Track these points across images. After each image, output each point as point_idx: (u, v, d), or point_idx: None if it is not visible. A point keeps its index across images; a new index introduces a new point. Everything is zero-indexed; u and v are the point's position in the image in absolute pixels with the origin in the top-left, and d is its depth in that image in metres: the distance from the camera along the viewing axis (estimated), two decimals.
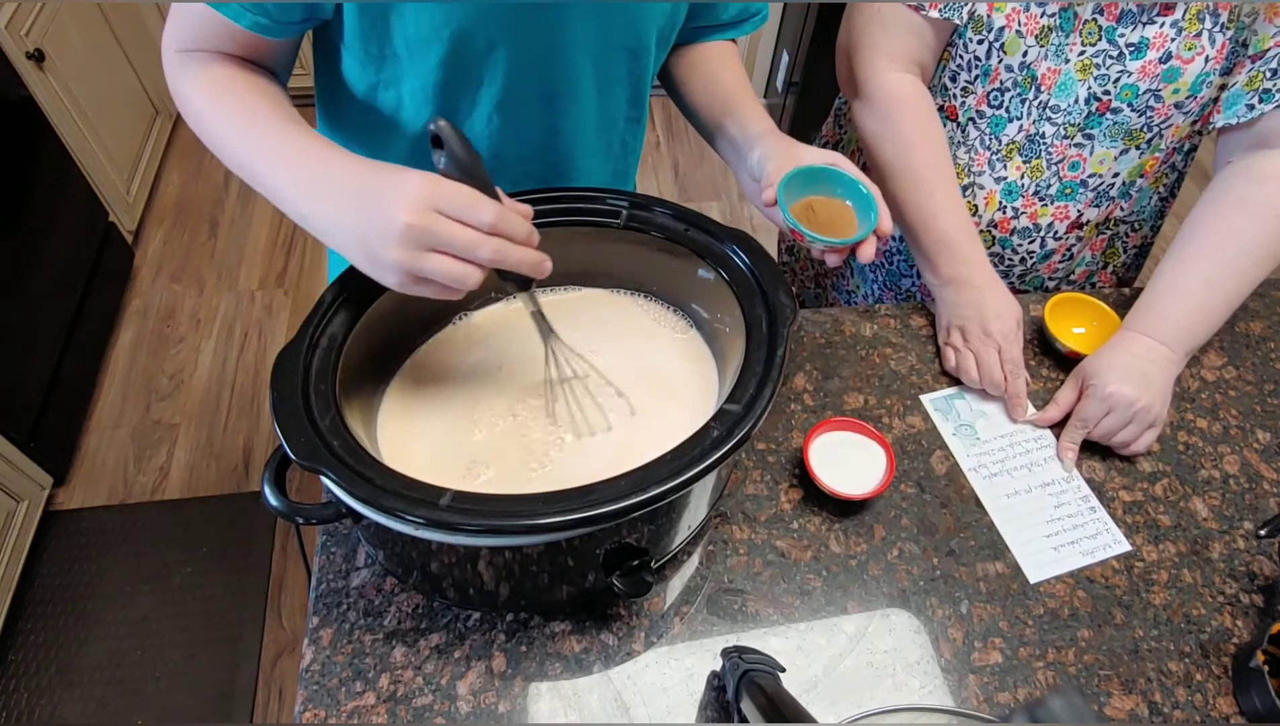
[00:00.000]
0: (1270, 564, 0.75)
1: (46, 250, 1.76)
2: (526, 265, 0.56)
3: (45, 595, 1.60)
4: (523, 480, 0.65)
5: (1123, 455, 0.82)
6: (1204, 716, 0.66)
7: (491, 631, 0.68)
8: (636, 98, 0.82)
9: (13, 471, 1.56)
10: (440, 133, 0.54)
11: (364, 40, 0.68)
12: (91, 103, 2.01)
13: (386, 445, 0.66)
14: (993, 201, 0.93)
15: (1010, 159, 0.90)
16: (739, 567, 0.73)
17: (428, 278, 0.54)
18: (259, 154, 0.63)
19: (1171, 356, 0.81)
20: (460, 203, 0.53)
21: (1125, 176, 0.89)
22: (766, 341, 0.62)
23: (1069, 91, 0.83)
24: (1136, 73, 0.80)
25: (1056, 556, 0.75)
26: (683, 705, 0.65)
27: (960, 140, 0.93)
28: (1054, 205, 0.91)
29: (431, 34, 0.66)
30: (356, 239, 0.56)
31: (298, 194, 0.60)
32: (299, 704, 0.63)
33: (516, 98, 0.74)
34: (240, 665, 1.53)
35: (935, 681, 0.67)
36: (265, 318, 2.13)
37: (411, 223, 0.52)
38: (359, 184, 0.57)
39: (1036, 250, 0.95)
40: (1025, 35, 0.83)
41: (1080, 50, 0.81)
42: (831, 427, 0.78)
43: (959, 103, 0.92)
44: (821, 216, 0.71)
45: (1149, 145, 0.86)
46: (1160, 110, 0.82)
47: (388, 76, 0.72)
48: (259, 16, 0.63)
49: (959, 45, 0.88)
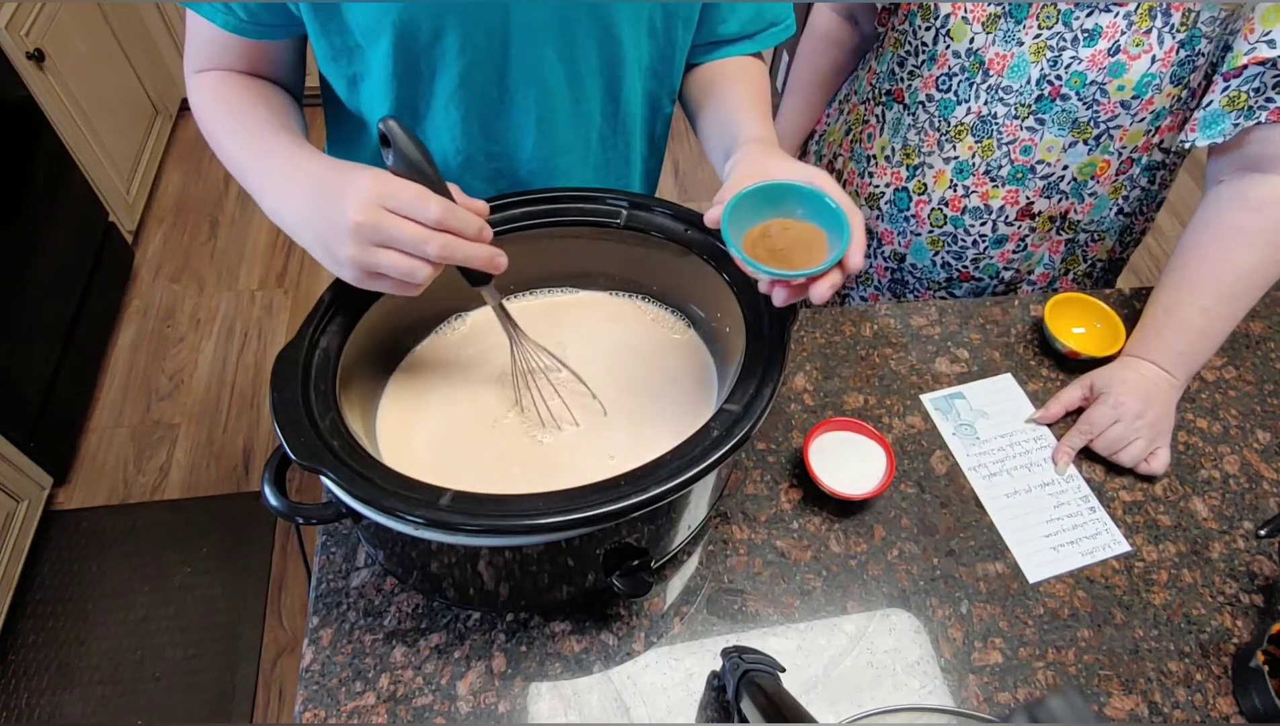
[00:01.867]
0: (1270, 564, 0.75)
1: (46, 250, 1.76)
2: (477, 260, 0.57)
3: (45, 595, 1.60)
4: (521, 478, 0.65)
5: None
6: (1204, 716, 0.66)
7: (491, 631, 0.68)
8: (612, 90, 0.78)
9: (13, 471, 1.56)
10: (388, 131, 0.55)
11: (326, 35, 0.69)
12: (91, 103, 2.01)
13: (386, 444, 0.66)
14: (943, 180, 0.95)
15: (961, 139, 0.91)
16: (739, 567, 0.73)
17: (381, 272, 0.55)
18: (246, 155, 0.66)
19: (1174, 382, 0.82)
20: (406, 199, 0.54)
21: (1075, 172, 0.90)
22: (766, 341, 0.62)
23: (1021, 72, 0.84)
24: (1086, 60, 0.80)
25: (1056, 556, 0.75)
26: (683, 705, 0.65)
27: (910, 123, 0.95)
28: (1005, 188, 0.92)
29: (376, 22, 0.67)
30: (315, 235, 0.58)
31: (271, 192, 0.63)
32: (299, 704, 0.63)
33: (474, 89, 0.73)
34: (240, 665, 1.53)
35: (935, 681, 0.67)
36: (265, 318, 2.13)
37: (359, 221, 0.53)
38: (318, 182, 0.58)
39: (988, 233, 0.96)
40: (971, 22, 0.84)
41: (1036, 33, 0.82)
42: (831, 427, 0.78)
43: (906, 86, 0.94)
44: (779, 242, 0.59)
45: (1097, 142, 0.86)
46: (1106, 105, 0.82)
47: (358, 70, 0.73)
48: (229, 16, 0.66)
49: (908, 32, 0.90)
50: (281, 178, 0.62)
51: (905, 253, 1.03)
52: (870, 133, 1.02)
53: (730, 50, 0.82)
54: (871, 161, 1.02)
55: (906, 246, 1.02)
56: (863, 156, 1.03)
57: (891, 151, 0.99)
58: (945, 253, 1.00)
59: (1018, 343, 0.93)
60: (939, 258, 1.01)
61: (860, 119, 1.04)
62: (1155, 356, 0.83)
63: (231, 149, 0.67)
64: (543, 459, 0.67)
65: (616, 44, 0.73)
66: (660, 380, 0.73)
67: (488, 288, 0.63)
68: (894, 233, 1.03)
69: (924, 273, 1.04)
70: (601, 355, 0.74)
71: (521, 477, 0.66)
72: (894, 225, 1.02)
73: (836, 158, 1.09)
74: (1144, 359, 0.83)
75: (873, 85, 1.01)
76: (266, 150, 0.65)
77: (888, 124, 0.98)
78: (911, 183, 0.98)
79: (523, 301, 0.79)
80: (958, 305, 0.97)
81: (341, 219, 0.54)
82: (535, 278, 0.79)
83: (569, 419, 0.69)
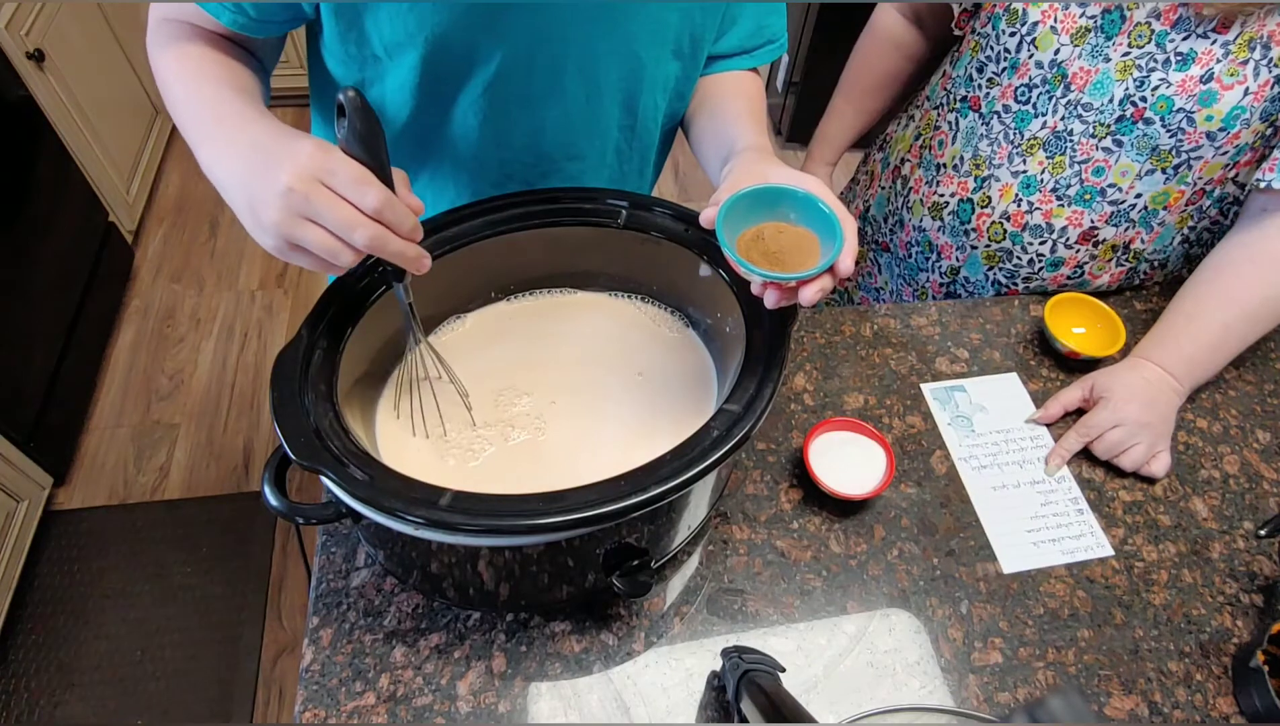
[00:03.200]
0: (1270, 564, 0.75)
1: (46, 250, 1.76)
2: (404, 258, 0.55)
3: (45, 595, 1.60)
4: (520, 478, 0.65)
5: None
6: (1204, 716, 0.66)
7: (491, 631, 0.68)
8: (630, 107, 0.79)
9: (13, 471, 1.56)
10: (346, 103, 0.52)
11: (343, 42, 0.69)
12: (91, 103, 2.01)
13: (385, 444, 0.66)
14: (1009, 193, 0.92)
15: (1032, 154, 0.89)
16: (739, 567, 0.73)
17: (303, 247, 0.53)
18: (193, 106, 0.62)
19: (1179, 389, 0.82)
20: (346, 179, 0.52)
21: (1148, 201, 0.87)
22: (766, 341, 0.62)
23: (1104, 90, 0.81)
24: (1176, 85, 0.78)
25: (1035, 551, 0.75)
26: (683, 705, 0.65)
27: (983, 132, 0.92)
28: (1070, 207, 0.89)
29: (406, 38, 0.66)
30: (245, 197, 0.55)
31: (210, 145, 0.59)
32: (299, 704, 0.63)
33: (497, 99, 0.73)
34: (240, 665, 1.53)
35: (935, 681, 0.67)
36: (265, 318, 2.13)
37: (292, 187, 0.51)
38: (261, 143, 0.56)
39: (1046, 253, 0.94)
40: (1060, 32, 0.81)
41: (1125, 51, 0.79)
42: (831, 427, 0.78)
43: (984, 94, 0.91)
44: (773, 245, 0.60)
45: (1175, 172, 0.83)
46: (1191, 135, 0.80)
47: (370, 75, 0.72)
48: (238, 15, 0.64)
49: (990, 36, 0.87)
50: (224, 133, 0.59)
51: (960, 266, 1.00)
52: (942, 140, 0.98)
53: (726, 65, 0.82)
54: (940, 170, 0.98)
55: (963, 260, 0.99)
56: (932, 164, 0.99)
57: (960, 160, 0.95)
58: (999, 270, 0.97)
59: (1018, 342, 0.92)
60: (992, 274, 0.98)
61: (932, 124, 1.00)
62: (1166, 361, 0.82)
63: (179, 96, 0.64)
64: (543, 459, 0.67)
65: (636, 63, 0.74)
66: (660, 380, 0.73)
67: (402, 285, 0.62)
68: (953, 247, 0.99)
69: (976, 287, 1.00)
70: (601, 355, 0.74)
71: (521, 477, 0.66)
72: (954, 238, 0.98)
73: (904, 163, 1.05)
74: (1153, 362, 0.83)
75: (948, 90, 0.97)
76: (215, 104, 0.62)
77: (961, 132, 0.95)
78: (977, 195, 0.94)
79: (523, 301, 0.79)
80: (958, 305, 0.97)
81: (274, 183, 0.51)
82: (535, 278, 0.79)
83: (440, 431, 0.68)
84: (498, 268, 0.76)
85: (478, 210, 0.72)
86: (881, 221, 1.10)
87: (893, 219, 1.07)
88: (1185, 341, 0.82)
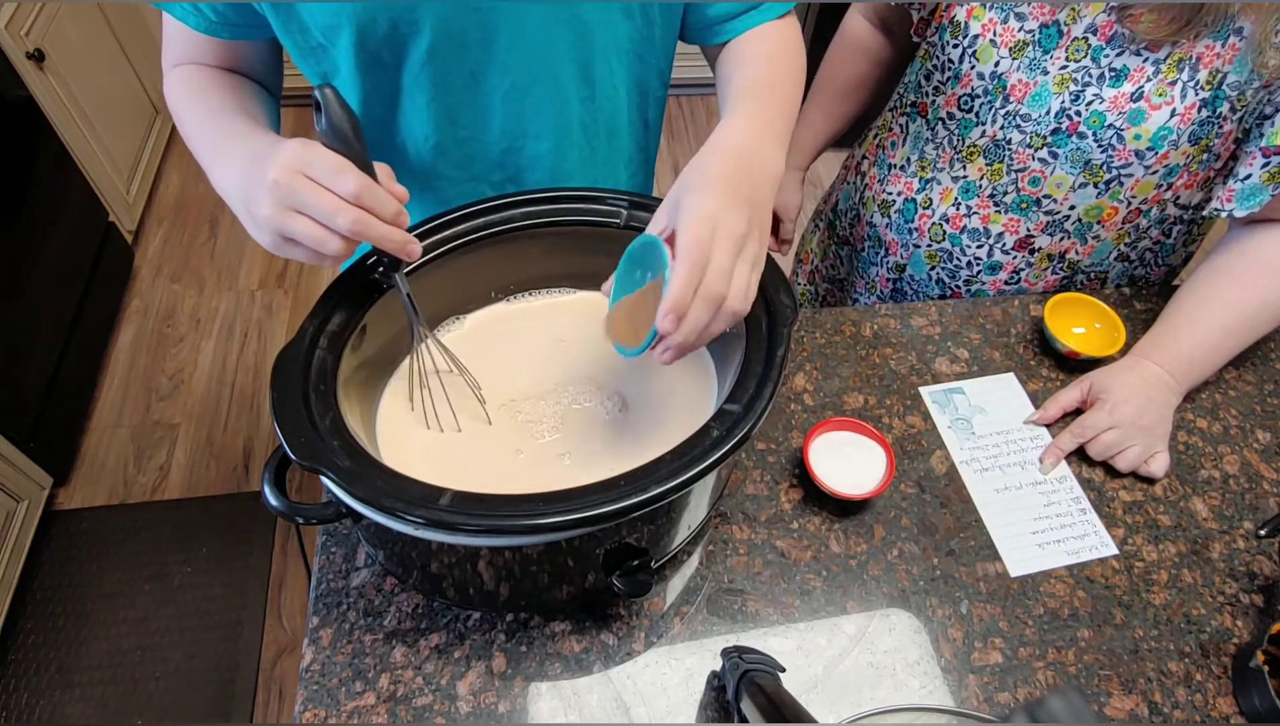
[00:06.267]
0: (1270, 564, 0.75)
1: (46, 250, 1.76)
2: (389, 242, 0.57)
3: (45, 595, 1.60)
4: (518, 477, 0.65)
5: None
6: (1204, 716, 0.66)
7: (491, 631, 0.68)
8: (586, 75, 0.76)
9: (13, 471, 1.56)
10: (321, 98, 0.54)
11: (289, 34, 0.70)
12: (91, 103, 2.01)
13: (386, 445, 0.66)
14: (948, 197, 0.95)
15: (972, 160, 0.91)
16: (739, 567, 0.73)
17: (295, 240, 0.56)
18: (203, 133, 0.68)
19: (1177, 388, 0.82)
20: (324, 168, 0.54)
21: (1081, 213, 0.88)
22: (766, 341, 0.62)
23: (1042, 102, 0.83)
24: (1108, 101, 0.79)
25: (1040, 553, 0.75)
26: (683, 705, 0.65)
27: (929, 137, 0.95)
28: (1007, 215, 0.92)
29: (335, 19, 0.67)
30: (241, 198, 0.59)
31: (217, 164, 0.64)
32: (299, 704, 0.63)
33: (438, 74, 0.72)
34: (240, 665, 1.53)
35: (935, 681, 0.67)
36: (265, 318, 2.14)
37: (277, 180, 0.54)
38: (256, 151, 0.59)
39: (984, 257, 0.96)
40: (999, 45, 0.83)
41: (1063, 65, 0.81)
42: (831, 427, 0.78)
43: (930, 101, 0.94)
44: (652, 309, 0.54)
45: (1107, 187, 0.85)
46: (1121, 152, 0.81)
47: (327, 68, 0.73)
48: (199, 17, 0.69)
49: (937, 46, 0.89)
50: (228, 150, 0.63)
51: (905, 264, 1.03)
52: (894, 141, 1.02)
53: (733, 28, 0.77)
54: (890, 170, 1.02)
55: (907, 258, 1.03)
56: (884, 163, 1.03)
57: (908, 162, 0.99)
58: (941, 269, 1.00)
59: (1018, 342, 0.93)
60: (935, 273, 1.01)
61: (886, 126, 1.04)
62: (1165, 360, 0.82)
63: (191, 127, 0.69)
64: (543, 459, 0.67)
65: (583, 27, 0.72)
66: (660, 380, 0.73)
67: (399, 275, 0.63)
68: (899, 243, 1.03)
69: (920, 286, 1.04)
70: (601, 355, 0.74)
71: (521, 478, 0.66)
72: (899, 235, 1.02)
73: (864, 161, 1.09)
74: (1152, 361, 0.83)
75: (899, 95, 1.01)
76: (221, 128, 0.66)
77: (910, 135, 0.99)
78: (920, 196, 0.98)
79: (523, 301, 0.79)
80: (958, 305, 0.97)
81: (262, 180, 0.55)
82: (535, 278, 0.79)
83: (453, 424, 0.69)
84: (497, 268, 0.76)
85: (477, 210, 0.72)
86: (844, 215, 1.14)
87: (851, 214, 1.12)
88: (1186, 341, 0.83)
